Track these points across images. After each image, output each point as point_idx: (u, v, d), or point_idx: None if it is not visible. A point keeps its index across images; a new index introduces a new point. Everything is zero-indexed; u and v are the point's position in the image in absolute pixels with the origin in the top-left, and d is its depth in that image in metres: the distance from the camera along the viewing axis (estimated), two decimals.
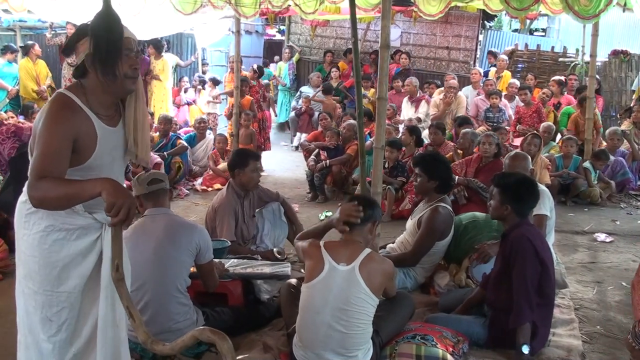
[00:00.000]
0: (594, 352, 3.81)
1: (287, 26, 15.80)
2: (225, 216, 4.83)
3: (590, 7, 7.00)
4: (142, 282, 3.36)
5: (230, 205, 4.88)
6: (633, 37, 15.52)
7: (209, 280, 3.68)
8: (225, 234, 4.76)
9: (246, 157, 4.99)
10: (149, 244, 3.41)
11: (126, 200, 2.16)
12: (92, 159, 2.42)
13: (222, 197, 4.97)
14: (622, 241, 6.27)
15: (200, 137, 9.20)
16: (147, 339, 2.24)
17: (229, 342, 2.09)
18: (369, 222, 3.38)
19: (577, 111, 9.04)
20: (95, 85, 2.41)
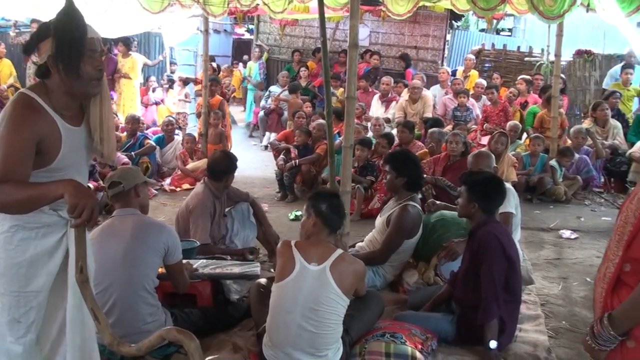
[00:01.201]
0: (560, 346, 3.88)
1: (255, 25, 15.77)
2: (200, 217, 4.77)
3: (554, 8, 7.12)
4: (110, 282, 3.33)
5: (206, 207, 4.82)
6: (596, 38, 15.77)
7: (179, 281, 3.65)
8: (200, 235, 4.69)
9: (236, 162, 5.06)
10: (116, 245, 3.38)
11: (89, 201, 2.13)
12: (57, 160, 2.37)
13: (198, 197, 4.89)
14: (586, 237, 6.38)
15: (168, 139, 9.05)
16: (113, 341, 2.21)
17: (196, 342, 2.08)
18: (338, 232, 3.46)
19: (544, 110, 9.18)
20: (58, 86, 2.36)
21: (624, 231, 2.02)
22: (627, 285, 2.01)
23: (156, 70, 13.19)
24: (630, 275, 2.00)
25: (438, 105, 10.57)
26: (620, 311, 1.94)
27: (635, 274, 1.98)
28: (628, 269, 2.02)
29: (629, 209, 2.02)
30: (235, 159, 5.10)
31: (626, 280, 2.02)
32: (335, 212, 3.37)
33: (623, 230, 2.03)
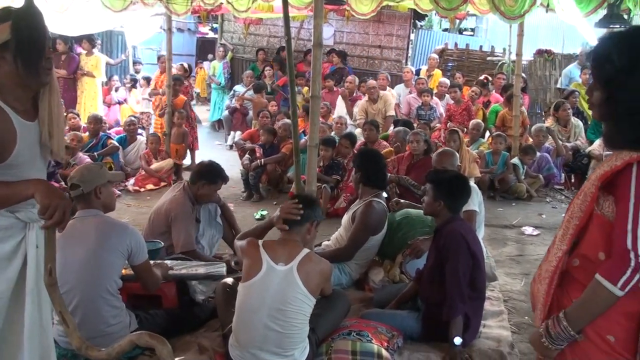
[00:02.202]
0: (523, 341, 3.94)
1: (219, 24, 15.67)
2: (184, 225, 4.67)
3: (515, 8, 7.25)
4: (72, 285, 3.28)
5: (188, 214, 4.74)
6: (556, 37, 16.10)
7: (148, 281, 3.60)
8: (184, 243, 4.61)
9: (218, 177, 4.96)
10: (78, 246, 3.33)
11: (60, 201, 2.09)
12: (13, 156, 2.27)
13: (179, 204, 4.77)
14: (547, 234, 6.49)
15: (131, 139, 8.89)
16: (82, 345, 2.18)
17: (168, 347, 2.06)
18: (308, 222, 3.40)
19: (505, 109, 9.31)
20: (8, 78, 2.26)
21: (569, 226, 2.06)
22: (576, 281, 2.04)
23: (119, 70, 13.04)
24: (579, 271, 2.04)
25: (402, 104, 10.64)
26: (576, 309, 1.95)
27: (584, 270, 2.01)
28: (577, 263, 2.05)
29: (576, 203, 2.05)
30: (220, 173, 5.01)
31: (576, 275, 2.05)
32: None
33: (568, 224, 2.06)
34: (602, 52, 1.95)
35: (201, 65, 17.24)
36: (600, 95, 1.97)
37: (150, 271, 3.61)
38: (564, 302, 2.08)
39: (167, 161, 8.50)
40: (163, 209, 4.82)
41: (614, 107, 1.93)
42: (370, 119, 8.49)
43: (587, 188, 2.01)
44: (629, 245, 1.84)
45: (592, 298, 1.92)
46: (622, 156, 1.90)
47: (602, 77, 1.95)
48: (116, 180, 4.82)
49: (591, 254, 2.00)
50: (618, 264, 1.87)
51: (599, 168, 2.00)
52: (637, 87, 1.87)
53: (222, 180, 4.99)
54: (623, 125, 1.91)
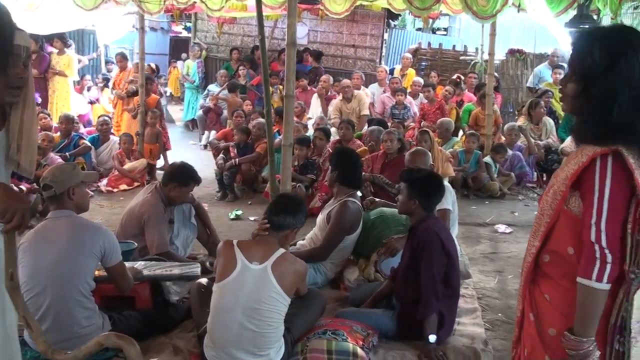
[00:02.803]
0: (496, 338, 3.99)
1: (193, 23, 15.56)
2: (157, 227, 4.62)
3: (487, 8, 7.32)
4: (44, 286, 3.25)
5: (162, 216, 4.70)
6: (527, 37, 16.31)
7: (121, 283, 3.58)
8: (158, 244, 4.56)
9: (190, 178, 4.87)
10: (50, 247, 3.29)
11: (20, 205, 2.05)
12: None
13: (152, 206, 4.72)
14: (520, 231, 6.57)
15: (104, 139, 8.77)
16: (48, 349, 2.14)
17: (136, 347, 2.04)
18: (289, 229, 3.42)
19: (478, 108, 9.40)
20: None
21: (540, 222, 2.10)
22: (548, 277, 2.08)
23: (91, 69, 12.88)
24: (550, 267, 2.08)
25: (376, 103, 10.68)
26: (577, 320, 1.97)
27: (554, 266, 2.05)
28: (547, 259, 2.09)
29: (545, 201, 2.09)
30: (191, 175, 4.92)
31: (547, 271, 2.09)
32: (273, 211, 3.38)
33: (540, 221, 2.10)
34: (585, 45, 1.98)
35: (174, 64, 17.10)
36: (575, 88, 2.00)
37: (124, 273, 3.58)
38: (535, 296, 2.11)
39: (141, 161, 8.42)
40: (136, 211, 4.77)
41: (587, 100, 1.96)
42: (346, 118, 8.50)
43: (556, 186, 2.04)
44: (593, 238, 1.89)
45: (583, 301, 1.94)
46: (587, 152, 1.94)
47: (581, 69, 1.98)
48: (89, 180, 4.77)
49: (560, 249, 2.03)
50: (587, 259, 1.91)
51: (567, 166, 2.03)
52: (612, 84, 1.90)
53: (194, 182, 4.92)
54: (592, 119, 1.94)
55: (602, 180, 1.89)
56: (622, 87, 1.89)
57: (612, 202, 1.88)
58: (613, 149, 1.89)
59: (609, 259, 1.88)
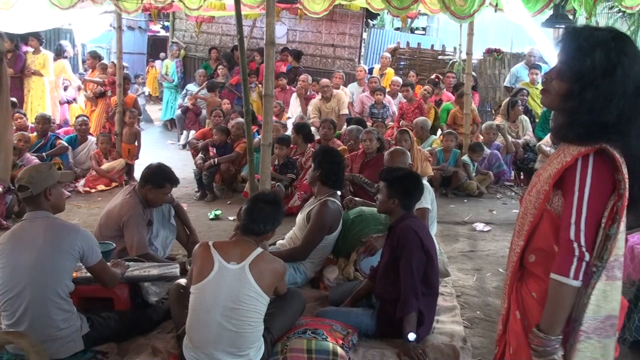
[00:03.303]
0: (475, 336, 4.02)
1: (171, 22, 15.47)
2: (136, 228, 4.56)
3: (465, 7, 7.37)
4: (21, 288, 3.22)
5: (139, 216, 4.64)
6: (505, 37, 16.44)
7: (105, 279, 3.57)
8: (138, 247, 4.51)
9: (165, 179, 4.77)
10: (27, 249, 3.26)
11: None
12: None
13: (131, 207, 4.65)
14: (498, 230, 6.63)
15: (81, 139, 8.67)
16: None
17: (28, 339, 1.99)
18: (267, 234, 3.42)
19: (457, 107, 9.46)
20: None
21: (524, 222, 2.12)
22: (534, 276, 2.10)
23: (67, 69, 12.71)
24: (536, 266, 2.10)
25: (355, 102, 10.70)
26: (545, 315, 1.99)
27: (540, 264, 2.07)
28: (533, 259, 2.11)
29: (529, 200, 2.11)
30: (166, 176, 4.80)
31: (533, 270, 2.11)
32: (249, 217, 3.34)
33: (523, 221, 2.13)
34: (584, 47, 1.95)
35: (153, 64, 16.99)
36: (565, 87, 1.99)
37: (105, 270, 3.58)
38: (522, 295, 2.13)
39: (119, 161, 8.36)
40: (115, 212, 4.71)
41: (577, 102, 1.96)
42: (328, 118, 8.51)
43: (539, 186, 2.06)
44: (572, 236, 1.92)
45: (554, 297, 1.97)
46: (571, 151, 1.95)
47: (576, 71, 1.96)
48: (66, 180, 4.71)
49: (546, 248, 2.05)
50: (565, 256, 1.93)
51: (549, 165, 2.04)
52: (608, 91, 1.91)
53: (170, 183, 4.81)
54: (579, 120, 1.95)
55: (582, 179, 1.92)
56: (617, 95, 1.90)
57: (592, 201, 1.91)
58: (597, 147, 1.91)
59: (587, 257, 1.91)
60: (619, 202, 1.91)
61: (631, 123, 1.92)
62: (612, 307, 1.97)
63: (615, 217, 1.91)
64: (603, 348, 1.99)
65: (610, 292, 1.97)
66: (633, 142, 1.93)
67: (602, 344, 1.99)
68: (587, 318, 1.95)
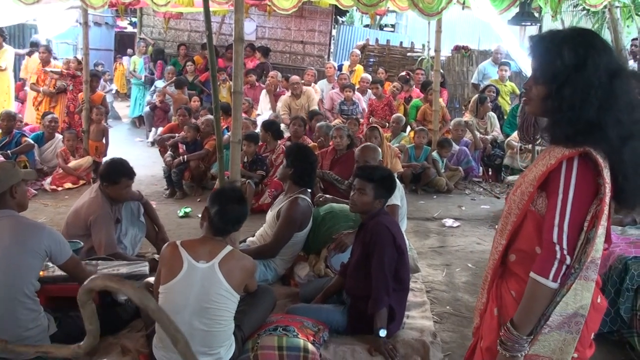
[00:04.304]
0: (445, 330, 4.07)
1: (139, 18, 15.31)
2: (105, 227, 4.49)
3: (433, 5, 7.43)
4: None
5: (107, 215, 4.56)
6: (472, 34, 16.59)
7: (79, 276, 3.47)
8: (105, 246, 4.44)
9: (119, 175, 4.66)
10: None
11: None
12: None
13: (98, 206, 4.58)
14: (467, 225, 6.70)
15: (49, 136, 8.54)
16: None
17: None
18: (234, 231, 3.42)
19: (426, 104, 9.52)
20: None
21: (507, 221, 2.14)
22: (515, 275, 2.12)
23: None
24: (516, 265, 2.12)
25: (325, 99, 10.71)
26: (520, 312, 2.02)
27: (521, 264, 2.10)
28: (514, 259, 2.14)
29: (513, 200, 2.14)
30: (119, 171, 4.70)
31: (514, 270, 2.13)
32: (222, 219, 3.28)
33: (506, 220, 2.15)
34: (550, 48, 1.99)
35: (120, 60, 16.77)
36: (543, 90, 2.02)
37: (78, 266, 3.53)
38: (502, 292, 2.16)
39: (86, 159, 8.23)
40: (82, 212, 4.62)
41: (557, 102, 1.98)
42: (298, 115, 8.50)
43: (524, 187, 2.08)
44: (555, 239, 1.94)
45: (531, 296, 1.99)
46: (556, 154, 1.98)
47: (549, 71, 1.99)
48: (30, 178, 4.63)
49: (528, 249, 2.08)
50: (546, 258, 1.96)
51: (535, 167, 2.07)
52: (583, 84, 1.94)
53: (126, 177, 4.70)
54: (563, 120, 1.97)
55: (567, 182, 1.94)
56: (593, 85, 1.93)
57: (576, 204, 1.93)
58: (581, 151, 1.93)
59: (568, 261, 1.94)
60: (599, 206, 1.93)
61: (611, 113, 1.94)
62: (580, 306, 2.00)
63: (594, 220, 1.94)
64: (562, 342, 2.02)
65: (581, 291, 1.99)
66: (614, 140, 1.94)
67: (563, 338, 2.02)
68: (554, 314, 1.98)
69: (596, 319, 2.11)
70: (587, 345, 2.10)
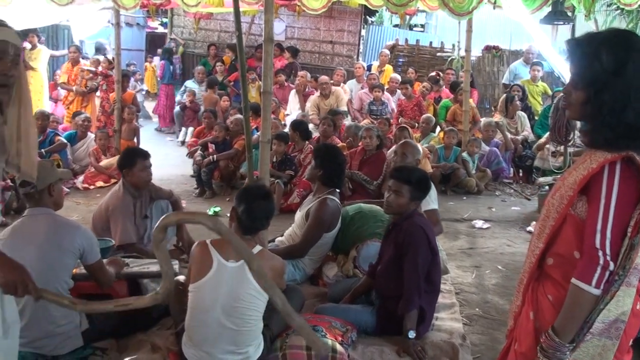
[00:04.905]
0: (474, 333, 4.03)
1: (169, 19, 15.45)
2: (120, 217, 4.61)
3: (463, 4, 7.37)
4: None
5: (126, 207, 4.68)
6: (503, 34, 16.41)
7: (101, 279, 3.55)
8: (121, 235, 4.55)
9: (133, 156, 4.79)
10: (28, 246, 3.24)
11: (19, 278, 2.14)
12: None
13: (117, 197, 4.73)
14: (497, 227, 6.63)
15: (81, 135, 8.69)
16: None
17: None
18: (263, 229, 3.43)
19: (456, 104, 9.45)
20: None
21: (545, 225, 2.11)
22: (552, 279, 2.10)
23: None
24: (554, 269, 2.10)
25: (354, 99, 10.69)
26: (561, 318, 1.99)
27: (559, 268, 2.07)
28: (552, 262, 2.11)
29: (551, 203, 2.10)
30: (133, 153, 4.91)
31: (551, 273, 2.11)
32: (249, 217, 3.30)
33: (545, 224, 2.12)
34: (588, 52, 1.96)
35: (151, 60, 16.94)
36: (582, 95, 1.99)
37: (102, 270, 3.56)
38: (538, 296, 2.13)
39: (117, 158, 8.32)
40: (104, 206, 4.77)
41: (597, 107, 1.95)
42: (327, 115, 8.50)
43: (563, 190, 2.05)
44: (598, 244, 1.90)
45: (573, 302, 1.96)
46: (597, 158, 1.94)
47: (588, 76, 1.96)
48: (66, 178, 4.74)
49: (566, 253, 2.05)
50: (588, 264, 1.92)
51: (575, 171, 2.04)
52: (621, 88, 1.90)
53: (139, 157, 4.80)
54: (604, 124, 1.94)
55: (609, 187, 1.90)
56: (633, 89, 1.90)
57: (619, 210, 1.90)
58: (623, 155, 1.90)
59: (611, 266, 1.90)
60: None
61: None
62: (621, 312, 1.97)
63: (638, 226, 1.90)
64: (602, 348, 1.99)
65: (623, 298, 1.96)
66: None
67: (602, 344, 1.99)
68: (597, 321, 1.95)
69: (635, 325, 2.07)
70: (625, 351, 2.06)
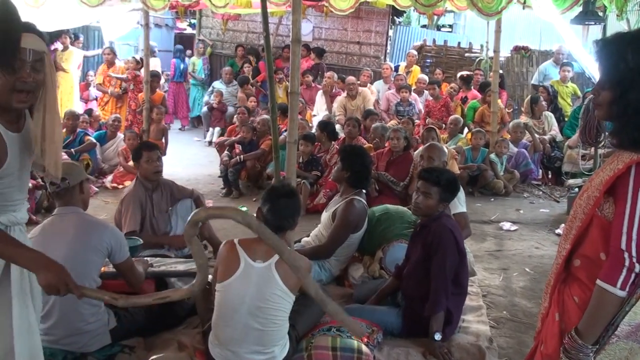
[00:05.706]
0: (501, 336, 3.99)
1: (197, 20, 15.56)
2: (129, 205, 4.77)
3: (492, 5, 7.30)
4: None
5: (135, 196, 4.83)
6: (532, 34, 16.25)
7: (131, 279, 3.59)
8: (129, 224, 4.68)
9: (139, 149, 5.03)
10: (58, 244, 3.28)
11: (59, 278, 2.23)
12: (3, 168, 2.21)
13: (128, 190, 4.98)
14: (525, 229, 6.56)
15: (111, 135, 8.81)
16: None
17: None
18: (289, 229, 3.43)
19: (484, 105, 9.38)
20: None
21: (572, 226, 2.10)
22: (578, 280, 2.08)
23: (95, 65, 12.87)
24: (580, 271, 2.08)
25: (381, 100, 10.67)
26: (585, 320, 1.98)
27: (585, 270, 2.05)
28: (578, 264, 2.09)
29: (579, 205, 2.09)
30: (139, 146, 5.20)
31: (578, 275, 2.09)
32: (275, 216, 3.32)
33: (572, 225, 2.10)
34: (615, 52, 1.95)
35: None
36: (610, 95, 1.98)
37: (132, 269, 3.59)
38: (564, 297, 2.12)
39: None
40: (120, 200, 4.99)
41: (623, 106, 1.94)
42: (353, 116, 8.50)
43: (590, 191, 2.04)
44: (623, 246, 1.88)
45: (597, 304, 1.94)
46: (624, 159, 1.93)
47: (615, 76, 1.95)
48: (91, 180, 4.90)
49: (592, 255, 2.03)
50: (614, 265, 1.90)
51: (602, 171, 2.02)
52: None
53: (144, 149, 4.99)
54: (630, 124, 1.93)
55: (635, 187, 1.89)
56: None
57: None
58: None
59: (637, 268, 1.88)
60: None
61: None
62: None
63: None
64: (629, 351, 1.97)
65: None
66: None
67: (629, 347, 1.97)
68: (622, 323, 1.93)
69: None
70: None
